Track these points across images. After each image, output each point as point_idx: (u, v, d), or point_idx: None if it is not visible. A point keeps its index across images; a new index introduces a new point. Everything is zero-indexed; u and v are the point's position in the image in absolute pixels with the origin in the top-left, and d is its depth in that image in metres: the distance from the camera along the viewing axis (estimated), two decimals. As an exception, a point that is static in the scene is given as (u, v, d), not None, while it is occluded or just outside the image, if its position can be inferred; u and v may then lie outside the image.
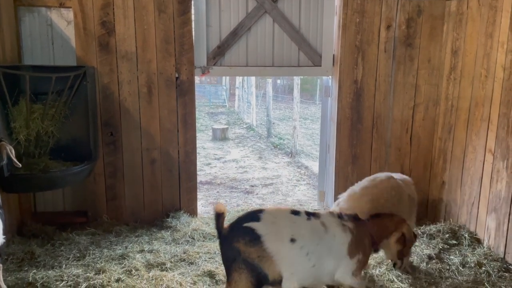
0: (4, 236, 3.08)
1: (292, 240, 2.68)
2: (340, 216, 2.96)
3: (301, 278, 2.71)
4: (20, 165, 3.28)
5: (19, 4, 4.31)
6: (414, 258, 3.81)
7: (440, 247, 3.99)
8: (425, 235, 4.28)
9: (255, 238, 2.63)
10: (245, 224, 2.69)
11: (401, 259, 3.28)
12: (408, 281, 3.45)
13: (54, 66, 4.41)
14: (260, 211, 2.80)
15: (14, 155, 3.25)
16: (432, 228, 4.39)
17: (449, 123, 4.68)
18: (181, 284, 3.38)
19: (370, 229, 3.00)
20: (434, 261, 3.78)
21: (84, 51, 4.41)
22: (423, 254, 3.87)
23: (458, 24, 4.52)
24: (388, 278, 3.49)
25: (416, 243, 4.06)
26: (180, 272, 3.60)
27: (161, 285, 3.36)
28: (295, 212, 2.84)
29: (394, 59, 4.81)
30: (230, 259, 2.67)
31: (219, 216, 2.69)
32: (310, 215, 2.86)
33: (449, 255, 3.87)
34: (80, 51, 4.41)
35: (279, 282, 2.67)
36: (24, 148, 4.04)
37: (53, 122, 4.15)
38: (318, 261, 2.74)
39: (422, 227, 4.46)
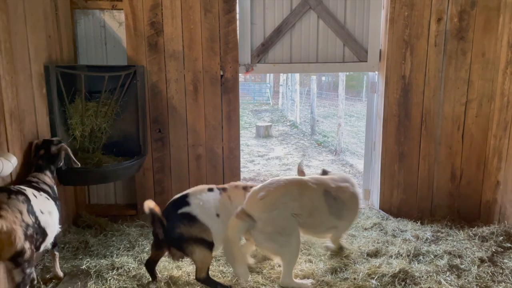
0: (60, 226, 3.29)
1: (218, 215, 3.26)
2: (244, 188, 3.48)
3: (219, 243, 3.27)
4: (79, 164, 3.55)
5: (75, 8, 4.57)
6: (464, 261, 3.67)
7: (493, 250, 3.80)
8: (477, 237, 4.09)
9: (192, 219, 3.16)
10: (180, 211, 3.19)
11: None
12: (457, 284, 3.32)
13: (106, 66, 4.63)
14: (186, 196, 3.30)
15: (72, 155, 3.52)
16: (485, 230, 4.18)
17: (505, 120, 4.43)
18: (222, 272, 3.53)
19: None
20: (486, 264, 3.61)
21: (134, 51, 4.60)
22: (475, 257, 3.70)
23: (515, 15, 4.26)
24: (436, 280, 3.37)
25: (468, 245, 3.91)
26: (223, 263, 3.68)
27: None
28: (210, 189, 3.40)
29: (445, 53, 4.61)
30: (178, 240, 3.15)
31: (153, 212, 3.11)
32: (220, 190, 3.43)
33: (503, 259, 3.67)
34: (130, 51, 4.60)
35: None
36: (80, 143, 4.28)
37: (106, 119, 4.37)
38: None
39: (474, 229, 4.27)
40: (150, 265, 3.38)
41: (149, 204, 3.12)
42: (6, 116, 3.21)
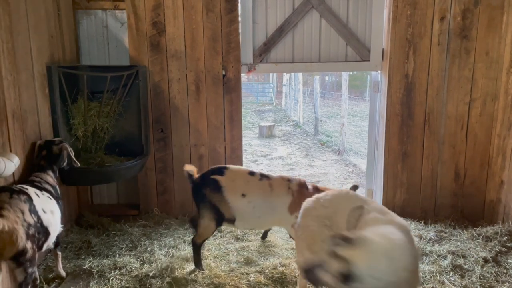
0: (63, 226, 3.30)
1: (243, 195, 3.51)
2: (289, 180, 3.63)
3: (247, 223, 3.61)
4: (79, 164, 3.57)
5: (78, 8, 4.58)
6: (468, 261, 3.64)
7: (497, 250, 3.77)
8: (481, 237, 4.07)
9: (217, 188, 3.52)
10: (212, 176, 3.58)
11: None
12: (461, 284, 3.29)
13: (109, 66, 4.63)
14: (225, 167, 3.68)
15: (73, 154, 3.53)
16: (489, 229, 4.15)
17: (509, 119, 4.40)
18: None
19: (310, 195, 3.21)
20: (490, 264, 3.58)
21: (136, 51, 4.60)
22: (478, 257, 3.67)
23: (519, 13, 4.23)
24: (439, 280, 3.35)
25: (472, 245, 3.89)
26: (227, 263, 3.67)
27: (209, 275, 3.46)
28: (251, 173, 3.65)
29: (448, 52, 4.59)
30: (199, 200, 3.60)
31: (191, 174, 3.64)
32: (263, 176, 3.63)
33: (507, 259, 3.65)
34: (133, 51, 4.61)
35: (233, 220, 3.56)
36: (82, 143, 4.29)
37: (108, 119, 4.37)
38: (263, 214, 3.53)
39: (478, 229, 4.25)
40: (193, 221, 3.79)
41: (188, 168, 3.66)
42: (9, 116, 3.22)
